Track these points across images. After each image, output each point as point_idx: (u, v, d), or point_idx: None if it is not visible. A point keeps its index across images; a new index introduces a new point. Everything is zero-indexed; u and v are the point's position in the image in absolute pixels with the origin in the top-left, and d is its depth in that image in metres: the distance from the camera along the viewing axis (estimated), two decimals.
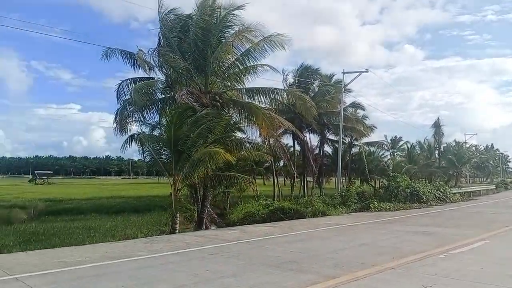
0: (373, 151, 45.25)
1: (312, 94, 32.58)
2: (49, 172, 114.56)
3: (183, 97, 15.26)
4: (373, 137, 42.94)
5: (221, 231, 14.64)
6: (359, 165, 41.21)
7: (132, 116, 19.76)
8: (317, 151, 37.37)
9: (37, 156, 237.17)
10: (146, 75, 19.43)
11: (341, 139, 32.54)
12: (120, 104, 20.00)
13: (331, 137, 37.53)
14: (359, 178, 45.16)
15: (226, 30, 18.19)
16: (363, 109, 39.28)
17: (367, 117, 40.50)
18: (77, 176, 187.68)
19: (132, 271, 7.24)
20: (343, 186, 35.37)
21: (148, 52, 18.32)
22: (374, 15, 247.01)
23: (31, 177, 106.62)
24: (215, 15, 17.83)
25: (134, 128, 20.30)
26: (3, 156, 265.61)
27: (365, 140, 40.75)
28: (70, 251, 9.46)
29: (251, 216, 19.65)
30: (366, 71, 30.56)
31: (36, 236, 15.93)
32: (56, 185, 71.71)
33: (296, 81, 32.22)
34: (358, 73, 30.73)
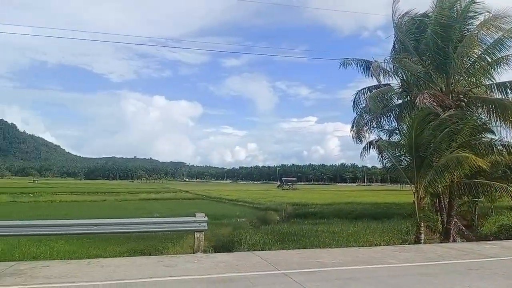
0: None
1: None
2: (293, 179, 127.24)
3: (425, 100, 14.53)
4: None
5: (475, 244, 13.16)
6: None
7: (369, 123, 20.03)
8: None
9: (283, 164, 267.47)
10: (381, 83, 19.45)
11: None
12: (357, 113, 20.60)
13: None
14: None
15: (469, 22, 16.47)
16: None
17: None
18: (316, 183, 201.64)
19: (386, 278, 7.31)
20: None
21: (384, 60, 18.33)
22: None
23: (279, 183, 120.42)
24: (455, 8, 16.40)
25: (371, 135, 20.57)
26: (256, 165, 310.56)
27: None
28: (322, 253, 10.24)
29: (508, 230, 17.06)
30: None
31: (289, 236, 17.82)
32: (300, 191, 78.73)
33: None
34: None
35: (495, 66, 16.27)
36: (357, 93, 20.63)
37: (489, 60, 16.26)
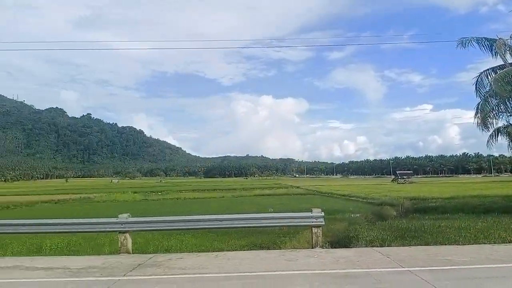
0: None
1: None
2: (409, 172, 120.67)
3: None
4: None
5: None
6: None
7: (496, 108, 18.16)
8: None
9: (396, 157, 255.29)
10: (507, 62, 17.48)
11: None
12: (480, 97, 18.81)
13: None
14: None
15: None
16: None
17: None
18: (435, 175, 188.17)
19: None
20: None
21: (511, 37, 16.49)
22: None
23: (393, 177, 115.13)
24: None
25: (498, 121, 18.62)
26: (367, 159, 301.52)
27: None
28: (449, 250, 9.59)
29: None
30: None
31: (408, 232, 16.95)
32: (417, 184, 74.25)
33: None
34: None
35: None
36: (479, 75, 18.84)
37: None
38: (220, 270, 7.78)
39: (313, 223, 10.23)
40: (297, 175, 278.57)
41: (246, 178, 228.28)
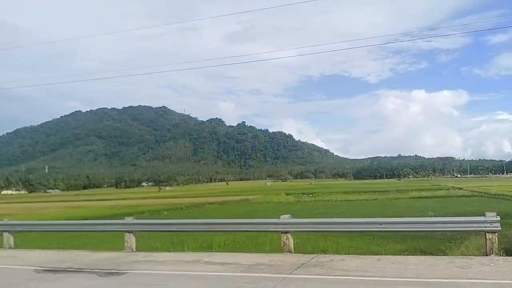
0: None
1: None
2: None
3: None
4: None
5: None
6: None
7: None
8: None
9: None
10: None
11: None
12: None
13: None
14: None
15: None
16: None
17: None
18: None
19: None
20: None
21: None
22: None
23: None
24: None
25: None
26: None
27: None
28: None
29: None
30: None
31: None
32: None
33: None
34: None
35: None
36: None
37: None
38: (384, 274, 7.64)
39: (487, 228, 9.25)
40: (458, 175, 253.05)
41: (399, 179, 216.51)
